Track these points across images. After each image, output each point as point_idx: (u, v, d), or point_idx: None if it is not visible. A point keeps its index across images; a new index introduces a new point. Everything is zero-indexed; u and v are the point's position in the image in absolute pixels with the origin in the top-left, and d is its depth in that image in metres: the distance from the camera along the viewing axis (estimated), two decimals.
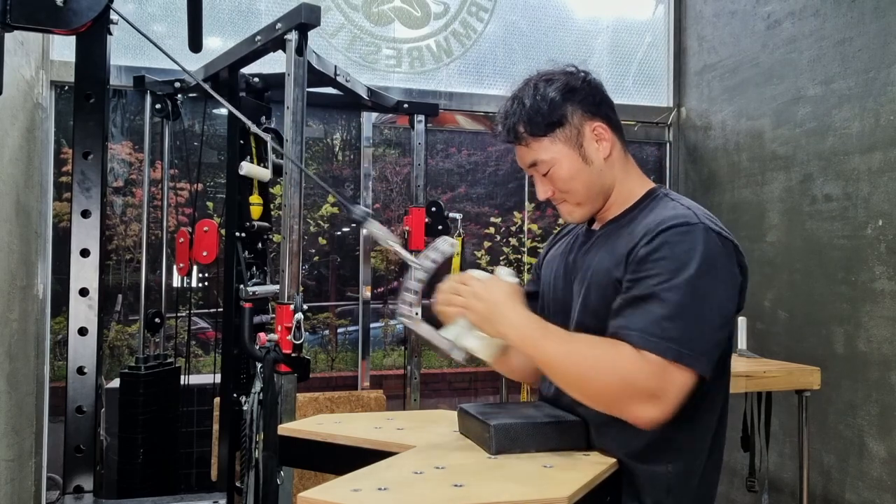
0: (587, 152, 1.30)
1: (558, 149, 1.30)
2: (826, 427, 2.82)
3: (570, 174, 1.30)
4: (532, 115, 1.29)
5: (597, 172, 1.30)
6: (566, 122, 1.30)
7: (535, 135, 1.30)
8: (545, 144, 1.30)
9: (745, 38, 3.34)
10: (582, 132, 1.30)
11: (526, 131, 1.30)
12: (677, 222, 1.18)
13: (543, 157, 1.30)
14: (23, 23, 1.63)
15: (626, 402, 1.11)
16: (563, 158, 1.30)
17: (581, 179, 1.30)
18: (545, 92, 1.31)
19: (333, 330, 3.49)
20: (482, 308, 1.23)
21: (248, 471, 2.21)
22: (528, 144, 1.31)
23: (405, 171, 3.46)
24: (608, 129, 1.33)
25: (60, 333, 2.88)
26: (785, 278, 3.07)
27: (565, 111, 1.30)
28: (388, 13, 3.42)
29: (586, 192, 1.31)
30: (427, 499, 0.93)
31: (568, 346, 1.17)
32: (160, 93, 2.64)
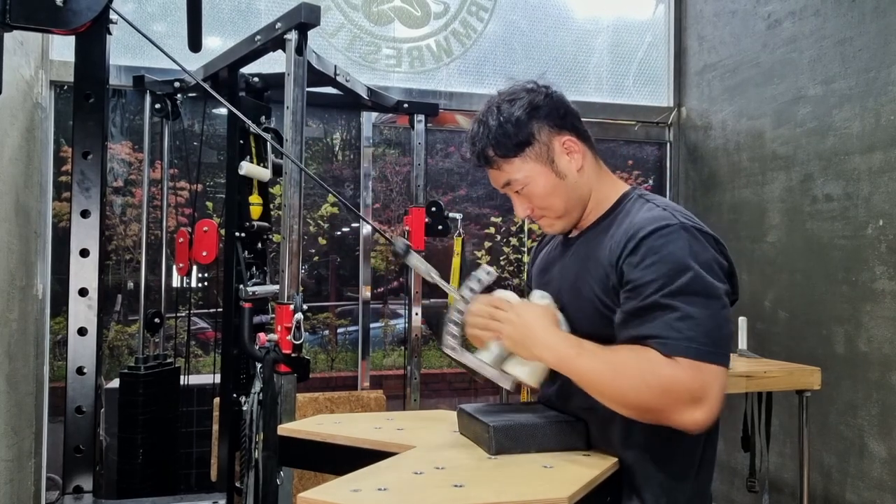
0: (559, 167, 1.31)
1: (530, 167, 1.30)
2: (826, 427, 2.82)
3: (546, 190, 1.31)
4: (499, 138, 1.30)
5: (572, 185, 1.32)
6: (534, 139, 1.30)
7: (505, 156, 1.30)
8: (517, 164, 1.30)
9: (746, 38, 3.34)
10: (552, 147, 1.31)
11: (496, 154, 1.31)
12: (656, 226, 1.19)
13: (517, 177, 1.31)
14: (22, 22, 1.63)
15: (672, 410, 1.11)
16: (537, 176, 1.30)
17: (558, 194, 1.31)
18: (510, 112, 1.30)
19: (333, 330, 3.49)
20: (516, 333, 1.23)
21: (248, 471, 2.21)
22: (500, 167, 1.32)
23: (405, 171, 3.46)
24: (577, 140, 1.33)
25: (60, 333, 2.88)
26: (785, 278, 3.07)
27: (532, 129, 1.30)
28: (387, 13, 3.42)
29: (565, 205, 1.32)
30: (427, 499, 0.93)
31: (604, 364, 1.16)
32: (160, 92, 2.64)
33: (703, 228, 1.22)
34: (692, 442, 1.23)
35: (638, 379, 1.12)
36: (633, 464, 1.19)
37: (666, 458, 1.21)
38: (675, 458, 1.21)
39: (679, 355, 1.10)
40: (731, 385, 2.48)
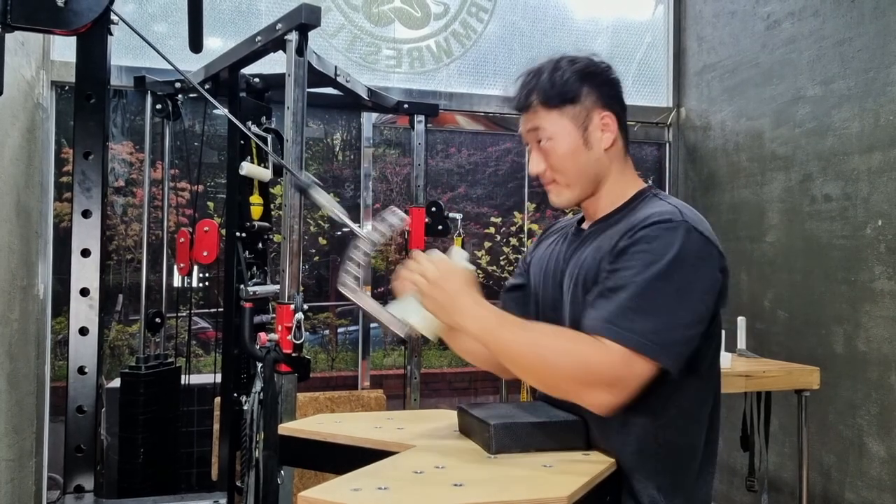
0: (590, 137, 1.30)
1: (564, 124, 1.29)
2: (826, 427, 2.82)
3: (567, 152, 1.29)
4: (548, 87, 1.31)
5: (594, 159, 1.30)
6: (578, 101, 1.30)
7: (545, 104, 1.31)
8: (553, 116, 1.30)
9: (745, 39, 3.34)
10: (591, 116, 1.30)
11: (538, 99, 1.31)
12: (661, 218, 1.18)
13: (546, 126, 1.30)
14: (23, 23, 1.63)
15: (582, 388, 1.11)
16: (567, 135, 1.29)
17: (575, 160, 1.29)
18: (566, 68, 1.32)
19: (333, 330, 3.49)
20: (440, 297, 1.21)
21: (249, 470, 2.21)
22: (537, 111, 1.31)
23: (405, 171, 3.47)
24: (616, 123, 1.32)
25: (61, 333, 2.88)
26: (785, 278, 3.07)
27: (580, 91, 1.30)
28: (388, 13, 3.42)
29: (577, 174, 1.30)
30: (427, 499, 0.94)
31: (525, 335, 1.17)
32: (161, 93, 2.65)
33: (709, 236, 1.20)
34: (691, 444, 1.23)
35: (555, 354, 1.13)
36: (630, 465, 1.19)
37: (664, 459, 1.20)
38: (672, 460, 1.21)
39: (611, 339, 1.10)
40: (731, 385, 2.48)
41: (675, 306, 1.12)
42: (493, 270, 3.72)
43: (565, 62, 1.34)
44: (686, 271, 1.14)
